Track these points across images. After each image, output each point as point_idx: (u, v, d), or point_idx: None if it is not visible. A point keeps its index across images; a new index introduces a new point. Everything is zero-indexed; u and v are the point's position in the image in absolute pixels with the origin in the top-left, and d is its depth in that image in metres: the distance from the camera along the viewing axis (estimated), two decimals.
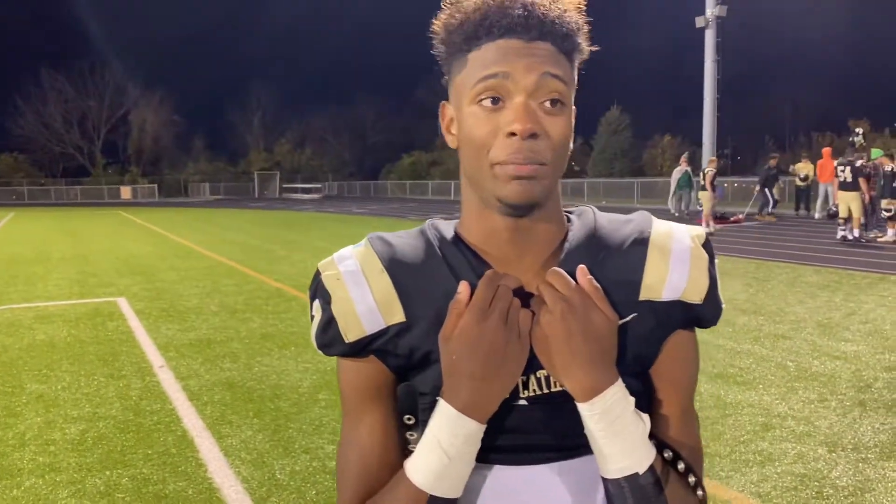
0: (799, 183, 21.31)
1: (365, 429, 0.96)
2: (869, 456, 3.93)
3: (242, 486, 3.72)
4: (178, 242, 18.02)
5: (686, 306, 0.94)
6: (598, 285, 0.90)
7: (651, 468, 0.88)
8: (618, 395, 0.87)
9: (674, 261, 0.94)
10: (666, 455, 0.94)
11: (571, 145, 0.94)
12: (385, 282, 0.93)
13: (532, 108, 0.87)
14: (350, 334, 0.92)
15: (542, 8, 0.88)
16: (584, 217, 1.00)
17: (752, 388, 5.13)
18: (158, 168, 70.04)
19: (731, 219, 19.98)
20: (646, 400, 0.96)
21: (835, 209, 14.52)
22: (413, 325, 0.92)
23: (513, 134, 0.86)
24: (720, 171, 18.28)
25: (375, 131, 77.45)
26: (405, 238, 0.98)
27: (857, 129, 15.92)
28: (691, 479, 0.94)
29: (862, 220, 14.35)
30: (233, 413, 4.82)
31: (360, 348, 0.93)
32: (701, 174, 17.65)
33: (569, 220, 1.00)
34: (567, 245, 0.95)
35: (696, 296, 0.94)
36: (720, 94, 28.75)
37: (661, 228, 0.97)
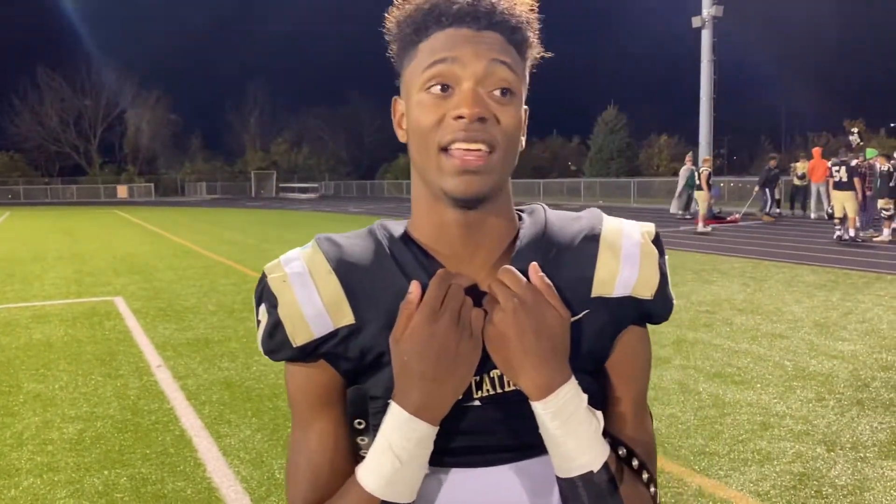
0: (797, 182, 21.34)
1: (315, 435, 0.94)
2: (867, 455, 3.94)
3: (241, 486, 3.71)
4: (175, 242, 17.99)
5: (637, 302, 0.94)
6: (550, 282, 0.89)
7: (605, 466, 0.87)
8: (571, 393, 0.86)
9: (624, 256, 0.93)
10: (620, 452, 0.93)
11: (523, 142, 0.94)
12: (333, 283, 0.90)
13: (481, 94, 0.86)
14: (298, 338, 0.90)
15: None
16: (535, 215, 0.99)
17: (751, 387, 5.13)
18: (155, 167, 69.98)
19: (728, 219, 20.00)
20: (599, 397, 0.95)
21: (832, 209, 14.54)
22: (363, 327, 0.90)
23: (460, 117, 0.85)
24: (713, 171, 18.26)
25: (372, 131, 77.31)
26: (354, 238, 0.96)
27: (852, 129, 15.95)
28: (645, 475, 0.94)
29: (858, 221, 14.38)
30: (231, 412, 4.81)
31: (309, 352, 0.91)
32: (696, 174, 17.66)
33: (520, 218, 1.00)
34: (518, 243, 0.94)
35: (647, 291, 0.94)
36: (716, 94, 28.78)
37: (611, 225, 0.97)
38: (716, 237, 15.89)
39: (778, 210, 21.00)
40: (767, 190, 20.64)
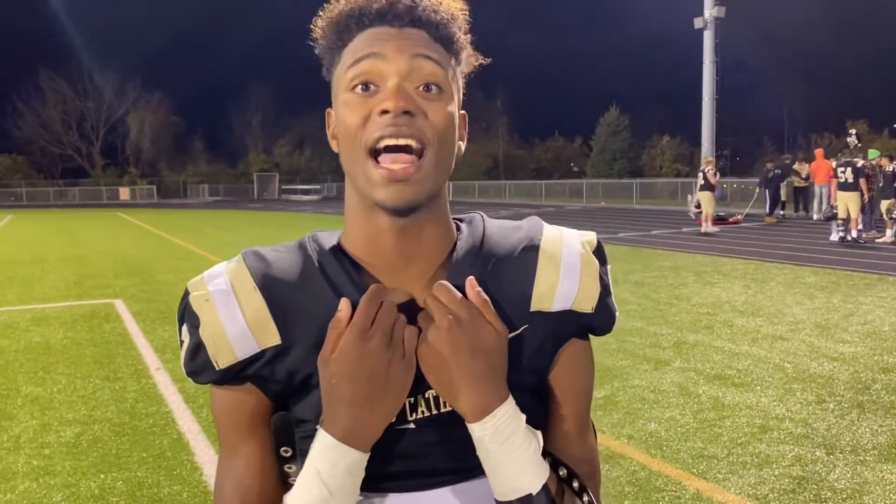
0: (800, 182, 21.27)
1: (242, 461, 0.90)
2: (867, 458, 3.92)
3: None
4: (176, 244, 18.00)
5: (577, 315, 0.91)
6: (487, 298, 0.85)
7: (545, 488, 0.84)
8: (509, 414, 0.83)
9: (564, 268, 0.90)
10: (561, 473, 0.90)
11: (462, 147, 0.91)
12: (258, 301, 0.86)
13: (406, 89, 0.83)
14: (221, 360, 0.85)
15: None
16: (474, 224, 0.96)
17: (750, 389, 5.11)
18: (157, 169, 69.97)
19: (730, 220, 19.97)
20: (540, 414, 0.93)
21: (834, 210, 14.49)
22: (290, 348, 0.85)
23: (385, 112, 0.81)
24: (721, 172, 18.26)
25: None
26: (282, 252, 0.92)
27: (850, 131, 15.90)
28: (585, 498, 0.89)
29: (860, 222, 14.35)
30: None
31: (234, 375, 0.87)
32: (700, 174, 17.64)
33: (458, 227, 0.96)
34: (455, 255, 0.91)
35: (588, 304, 0.91)
36: (718, 95, 28.76)
37: (551, 235, 0.94)
38: (717, 238, 15.86)
39: (781, 212, 20.97)
40: (767, 191, 20.63)
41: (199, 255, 14.91)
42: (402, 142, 0.81)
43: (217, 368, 0.86)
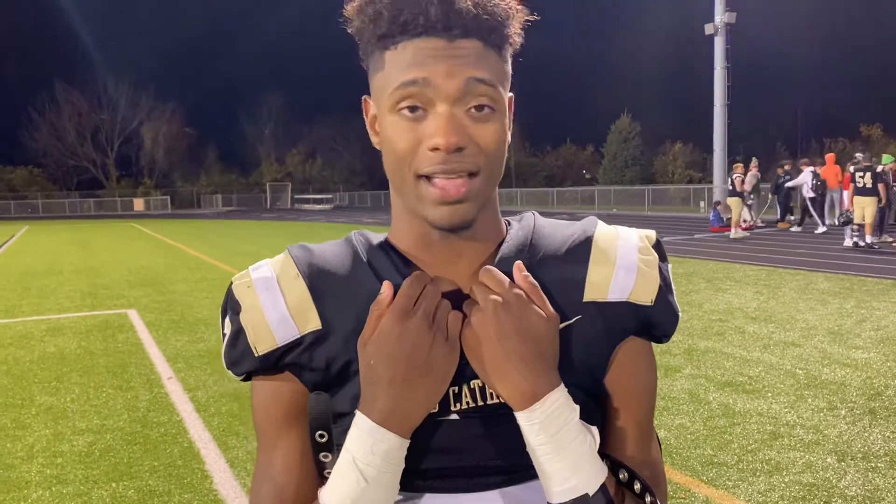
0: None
1: (280, 457, 0.87)
2: (879, 465, 3.89)
3: (247, 497, 3.72)
4: (189, 254, 18.12)
5: (635, 308, 0.86)
6: (536, 283, 0.82)
7: (603, 488, 0.78)
8: (560, 402, 0.78)
9: (620, 259, 0.86)
10: (621, 476, 0.83)
11: (509, 137, 0.86)
12: (300, 287, 0.84)
13: (457, 118, 0.78)
14: (260, 346, 0.83)
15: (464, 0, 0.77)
16: (524, 221, 0.93)
17: (761, 396, 5.08)
18: (171, 180, 70.61)
19: (743, 226, 19.85)
20: (597, 418, 0.87)
21: (850, 215, 14.35)
22: (330, 333, 0.83)
23: (436, 148, 0.77)
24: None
25: None
26: (329, 246, 0.90)
27: (856, 155, 15.74)
28: (648, 499, 0.82)
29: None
30: (240, 424, 4.83)
31: (272, 363, 0.84)
32: (729, 180, 17.68)
33: (509, 224, 0.93)
34: (504, 246, 0.88)
35: (646, 297, 0.86)
36: (730, 101, 28.67)
37: (605, 230, 0.90)
38: (730, 245, 15.78)
39: (791, 217, 20.81)
40: (778, 197, 20.51)
41: (212, 265, 15.00)
42: (453, 177, 0.79)
43: (256, 355, 0.84)
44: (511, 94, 0.86)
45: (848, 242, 14.37)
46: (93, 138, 70.06)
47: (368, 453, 0.76)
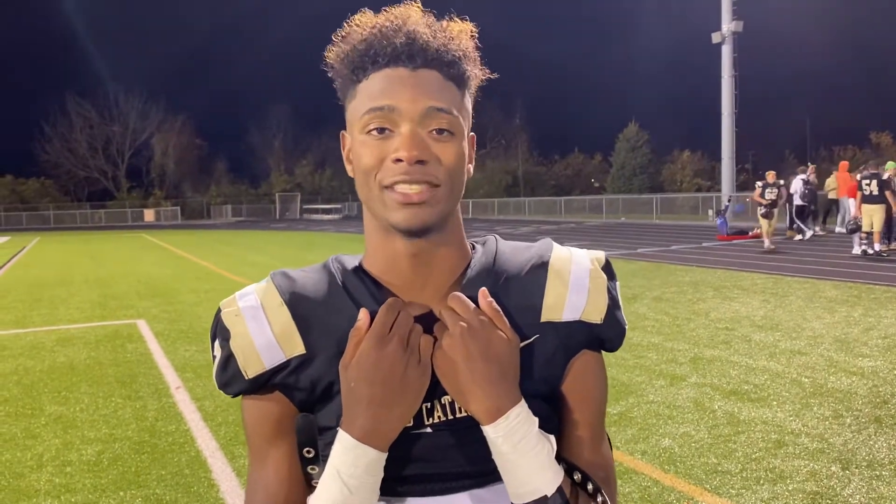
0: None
1: (272, 468, 0.95)
2: (883, 473, 3.88)
3: None
4: (198, 264, 18.22)
5: (586, 326, 0.96)
6: (499, 308, 0.90)
7: (559, 490, 0.87)
8: (521, 416, 0.87)
9: (573, 282, 0.96)
10: (575, 477, 0.93)
11: (471, 169, 0.97)
12: (285, 315, 0.93)
13: (419, 136, 0.88)
14: (250, 370, 0.92)
15: (425, 36, 0.90)
16: (487, 245, 1.02)
17: (766, 404, 5.08)
18: (181, 191, 70.98)
19: (750, 234, 19.81)
20: (554, 423, 0.96)
21: (858, 223, 14.28)
22: (314, 357, 0.92)
23: (399, 160, 0.87)
24: (742, 186, 18.03)
25: None
26: (308, 272, 0.99)
27: (857, 176, 15.68)
28: (600, 498, 0.92)
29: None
30: None
31: (262, 384, 0.93)
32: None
33: (473, 248, 1.02)
34: (469, 272, 0.96)
35: (596, 315, 0.96)
36: (738, 109, 28.65)
37: (560, 253, 0.99)
38: (738, 253, 15.74)
39: (797, 225, 20.68)
40: (787, 205, 20.38)
41: (221, 276, 15.09)
42: (414, 188, 0.88)
43: (246, 378, 0.93)
44: (473, 133, 0.98)
45: (857, 250, 14.31)
46: (104, 150, 70.63)
47: (351, 466, 0.85)
